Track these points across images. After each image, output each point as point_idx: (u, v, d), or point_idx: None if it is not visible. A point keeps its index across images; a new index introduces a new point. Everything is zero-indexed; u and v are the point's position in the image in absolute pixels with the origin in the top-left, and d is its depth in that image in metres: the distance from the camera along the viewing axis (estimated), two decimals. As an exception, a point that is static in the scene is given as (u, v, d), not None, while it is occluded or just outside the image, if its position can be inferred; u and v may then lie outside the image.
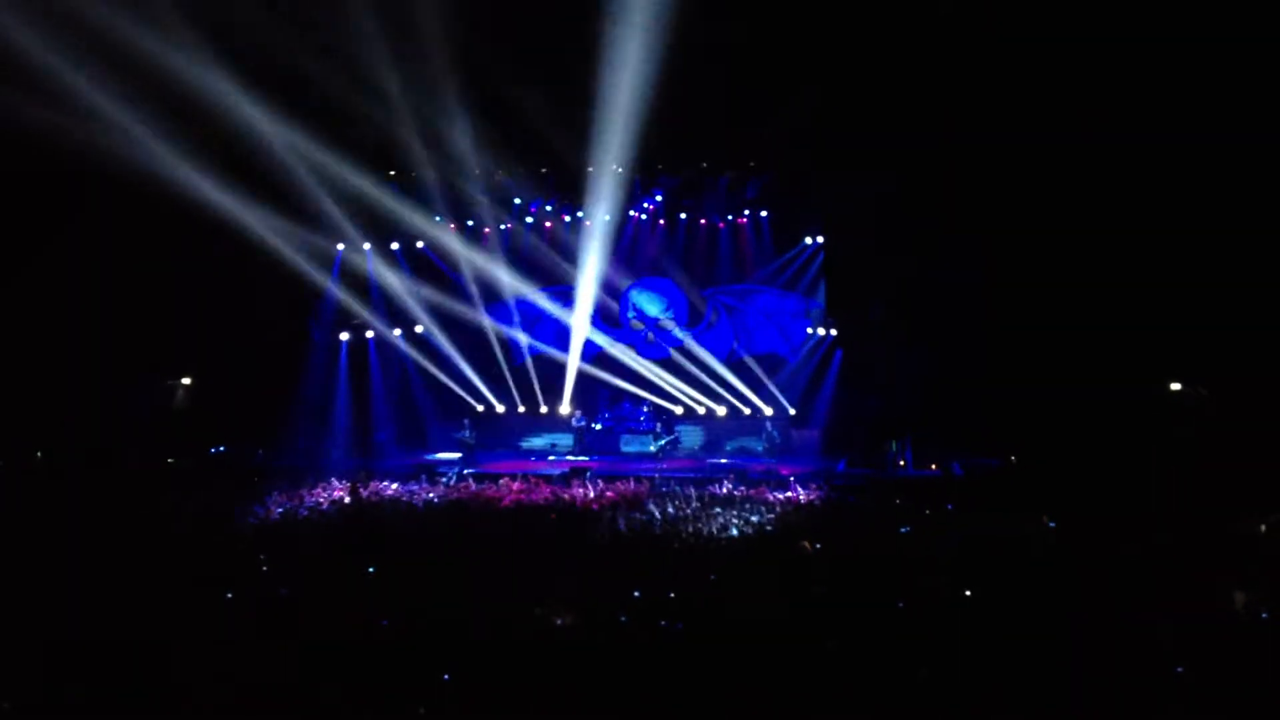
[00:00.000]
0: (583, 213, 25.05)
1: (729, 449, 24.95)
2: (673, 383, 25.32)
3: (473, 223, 25.81)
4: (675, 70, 18.27)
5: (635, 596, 9.21)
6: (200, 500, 15.64)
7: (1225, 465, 14.93)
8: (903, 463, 20.99)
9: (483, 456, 22.94)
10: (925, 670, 6.90)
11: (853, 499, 16.59)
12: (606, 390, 25.75)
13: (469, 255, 25.45)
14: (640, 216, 25.76)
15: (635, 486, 17.47)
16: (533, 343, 26.39)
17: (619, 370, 25.58)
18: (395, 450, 24.23)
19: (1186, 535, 11.61)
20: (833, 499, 16.57)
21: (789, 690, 6.75)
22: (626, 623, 8.41)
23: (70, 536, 12.09)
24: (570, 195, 25.02)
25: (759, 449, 24.16)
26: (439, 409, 25.82)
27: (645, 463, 22.64)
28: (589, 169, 23.23)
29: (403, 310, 25.44)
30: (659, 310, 26.34)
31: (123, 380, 21.09)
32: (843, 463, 21.85)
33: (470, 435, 22.57)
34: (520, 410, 26.32)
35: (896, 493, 17.08)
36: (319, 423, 23.43)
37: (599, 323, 26.07)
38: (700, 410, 25.46)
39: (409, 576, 10.15)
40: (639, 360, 25.74)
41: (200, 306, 21.79)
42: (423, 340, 25.63)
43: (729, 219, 25.65)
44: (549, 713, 6.48)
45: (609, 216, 24.55)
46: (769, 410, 24.98)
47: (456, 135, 21.43)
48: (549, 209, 25.80)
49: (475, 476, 19.07)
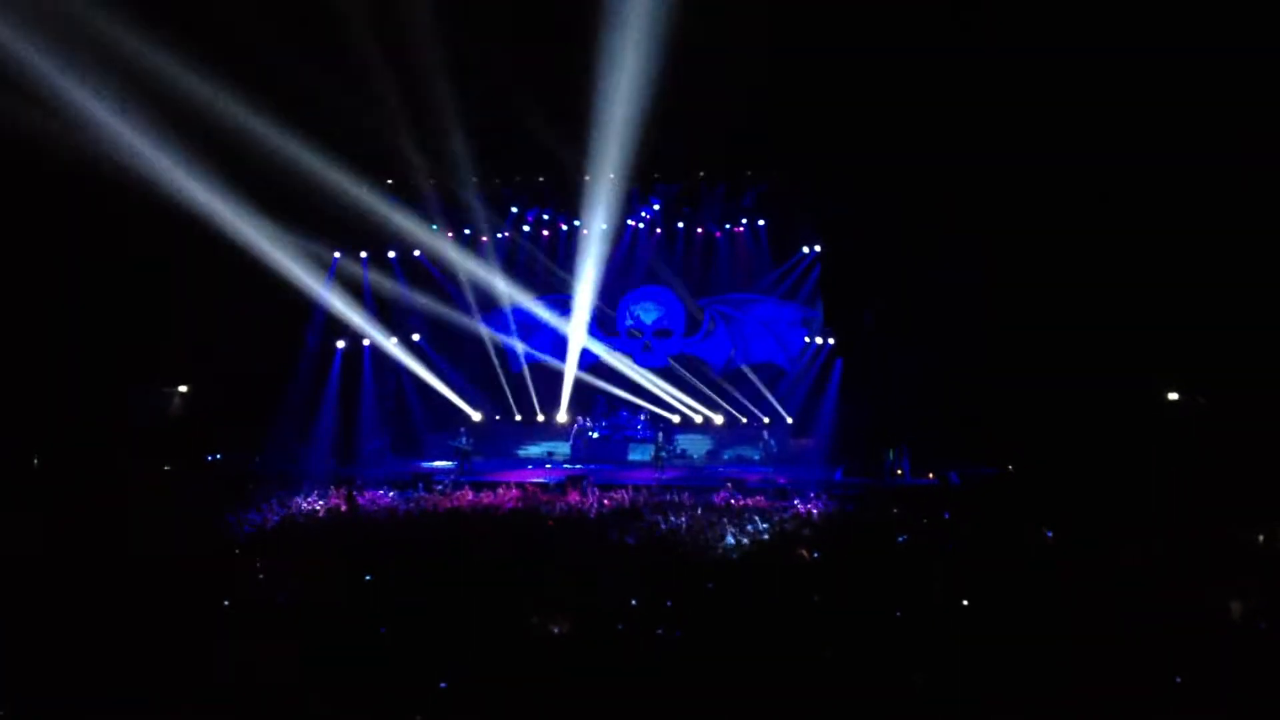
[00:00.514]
0: (580, 221, 25.06)
1: (726, 457, 24.94)
2: (670, 391, 25.32)
3: (469, 231, 25.84)
4: (672, 79, 18.30)
5: (633, 605, 9.20)
6: (196, 508, 15.61)
7: (1223, 475, 14.93)
8: (900, 472, 20.99)
9: (480, 465, 22.90)
10: (921, 677, 6.88)
11: (850, 508, 16.54)
12: (604, 398, 25.76)
13: (465, 263, 25.47)
14: (638, 225, 25.79)
15: (633, 496, 17.40)
16: (530, 351, 26.38)
17: (616, 379, 25.57)
18: (391, 458, 24.18)
19: (1183, 545, 11.60)
20: (834, 510, 16.39)
21: (786, 697, 6.73)
22: (623, 630, 8.40)
23: (67, 543, 12.05)
24: (567, 204, 25.02)
25: (756, 457, 24.14)
26: (435, 417, 25.79)
27: (643, 471, 22.64)
28: (586, 178, 23.24)
29: (399, 318, 25.44)
30: (656, 319, 26.35)
31: (119, 388, 21.04)
32: (840, 471, 21.84)
33: (467, 443, 22.53)
34: (517, 419, 26.31)
35: (894, 502, 17.05)
36: (312, 431, 23.36)
37: (596, 331, 26.06)
38: (698, 419, 25.45)
39: (406, 584, 10.14)
40: (636, 369, 25.74)
41: (197, 314, 21.75)
42: (419, 348, 25.62)
43: (726, 228, 25.68)
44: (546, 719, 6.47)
45: (606, 225, 24.55)
46: (766, 419, 24.98)
47: (454, 143, 21.44)
48: (546, 218, 25.82)
49: (472, 485, 19.03)
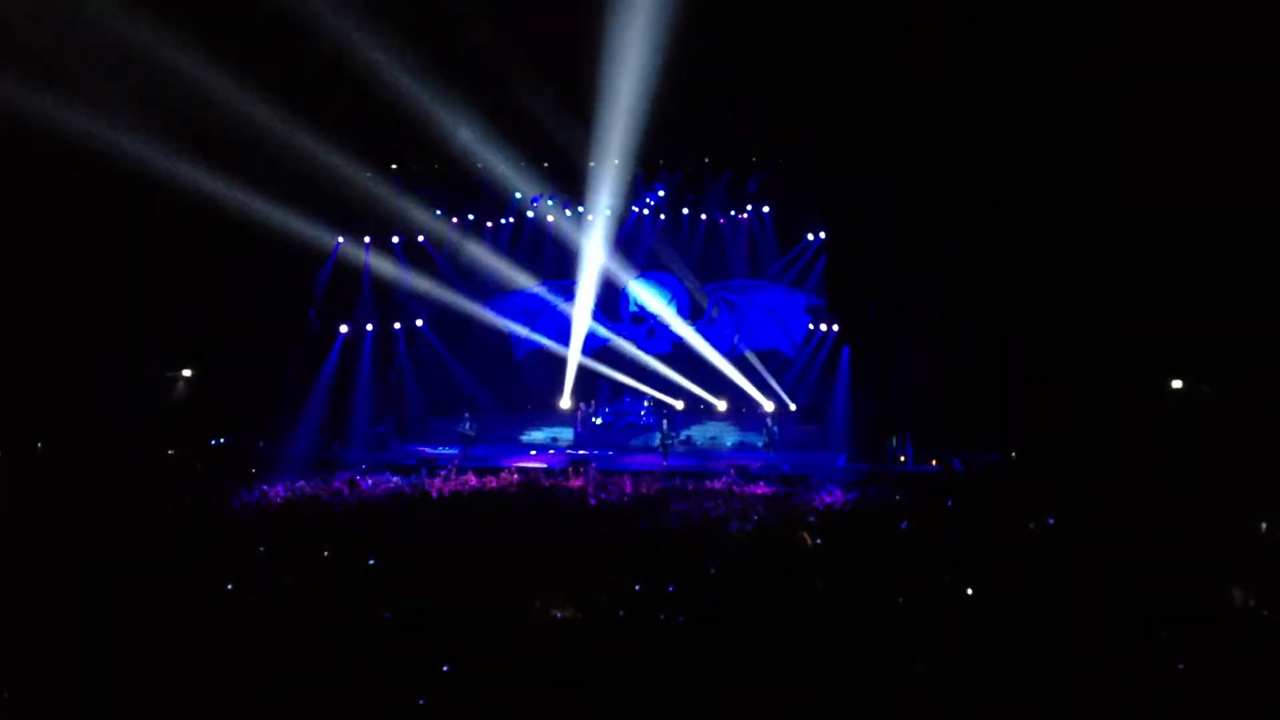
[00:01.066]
0: (584, 207, 25.02)
1: (729, 444, 24.95)
2: (673, 377, 25.31)
3: (474, 216, 25.82)
4: (677, 65, 18.25)
5: (635, 590, 9.22)
6: (199, 491, 15.69)
7: (1227, 462, 14.91)
8: (903, 458, 20.99)
9: (483, 450, 22.94)
10: (923, 664, 6.89)
11: (872, 492, 16.53)
12: (607, 384, 25.77)
13: (469, 249, 25.46)
14: (642, 211, 25.75)
15: (650, 484, 17.36)
16: (533, 336, 26.37)
17: (620, 364, 25.57)
18: (395, 443, 24.24)
19: (1187, 532, 11.60)
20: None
21: (788, 683, 6.75)
22: (625, 616, 8.42)
23: (70, 528, 12.09)
24: (572, 190, 24.99)
25: (759, 444, 24.15)
26: (439, 402, 25.82)
27: (646, 456, 22.67)
28: (591, 164, 23.23)
29: (402, 303, 25.46)
30: (660, 305, 26.33)
31: (123, 373, 21.08)
32: (842, 458, 21.85)
33: (471, 428, 22.56)
34: (521, 404, 26.34)
35: (897, 488, 17.07)
36: (315, 415, 23.40)
37: (600, 317, 26.05)
38: (701, 405, 25.46)
39: (409, 568, 10.17)
40: (640, 355, 25.73)
41: (201, 299, 21.78)
42: (422, 333, 25.63)
43: (731, 214, 25.64)
44: (548, 704, 6.49)
45: (610, 211, 24.52)
46: (770, 405, 24.99)
47: (459, 129, 21.43)
48: (550, 203, 25.81)
49: (475, 470, 19.08)
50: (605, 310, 26.28)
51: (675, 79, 18.64)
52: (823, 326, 24.95)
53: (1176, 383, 19.45)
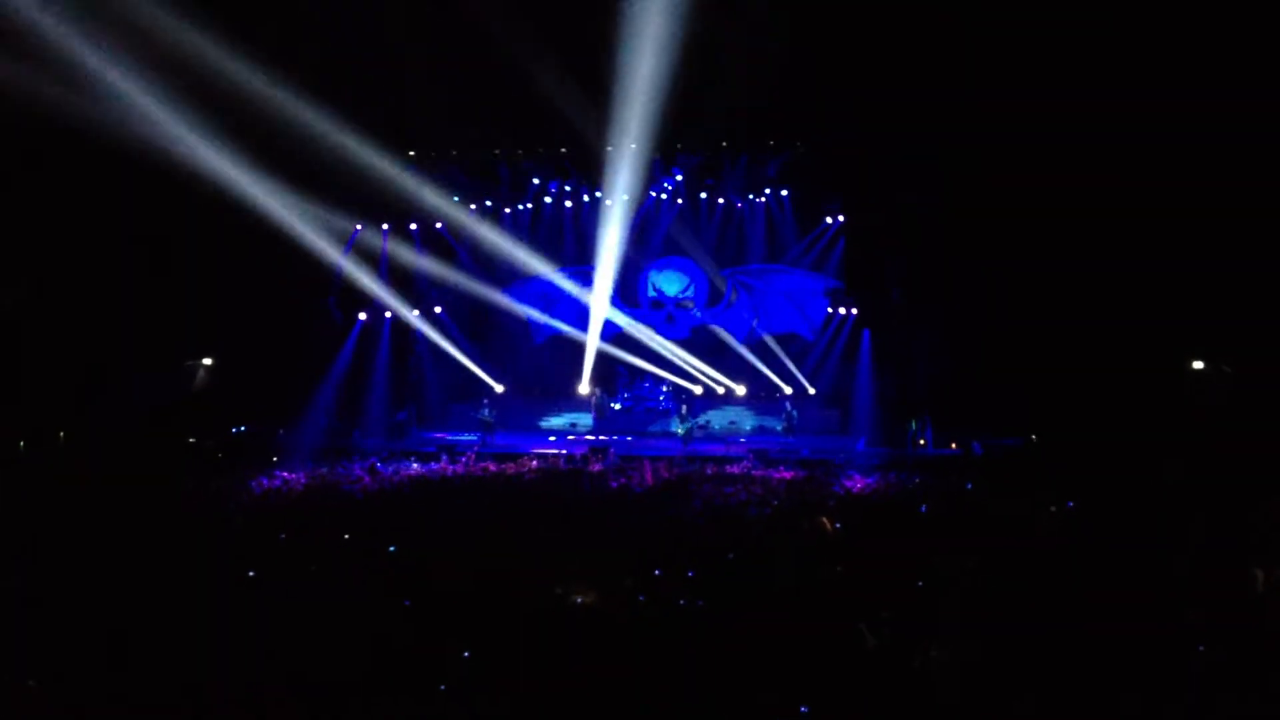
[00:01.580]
0: (601, 192, 24.95)
1: (748, 429, 24.91)
2: (692, 362, 25.27)
3: (491, 203, 25.81)
4: (695, 48, 18.15)
5: (656, 575, 9.24)
6: (220, 478, 15.82)
7: (1249, 444, 14.80)
8: (922, 442, 20.94)
9: (502, 436, 22.98)
10: (936, 650, 6.86)
11: (893, 477, 16.49)
12: (626, 370, 25.76)
13: (487, 235, 25.45)
14: (660, 196, 25.67)
15: (669, 469, 17.39)
16: (551, 322, 26.35)
17: (638, 350, 25.54)
18: (415, 430, 24.33)
19: (1208, 515, 11.53)
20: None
21: (805, 667, 6.75)
22: (645, 601, 8.44)
23: (91, 517, 12.21)
24: (589, 175, 24.91)
25: (779, 428, 24.08)
26: (458, 389, 25.89)
27: (665, 441, 22.68)
28: (608, 148, 23.11)
29: (420, 290, 25.50)
30: (678, 290, 26.26)
31: (144, 361, 21.20)
32: (861, 441, 21.80)
33: (490, 414, 22.59)
34: (540, 390, 26.38)
35: (916, 471, 17.03)
36: (335, 402, 23.52)
37: (618, 302, 26.01)
38: (719, 390, 25.42)
39: (429, 555, 10.22)
40: (658, 340, 25.69)
41: (221, 287, 21.87)
42: (440, 320, 25.68)
43: (749, 198, 25.53)
44: (569, 690, 6.51)
45: (628, 196, 24.44)
46: (788, 389, 24.93)
47: (477, 115, 21.41)
48: (568, 189, 25.74)
49: (495, 456, 19.14)
50: (623, 295, 26.22)
51: (693, 62, 18.52)
52: (841, 310, 24.85)
53: (1198, 364, 19.29)
